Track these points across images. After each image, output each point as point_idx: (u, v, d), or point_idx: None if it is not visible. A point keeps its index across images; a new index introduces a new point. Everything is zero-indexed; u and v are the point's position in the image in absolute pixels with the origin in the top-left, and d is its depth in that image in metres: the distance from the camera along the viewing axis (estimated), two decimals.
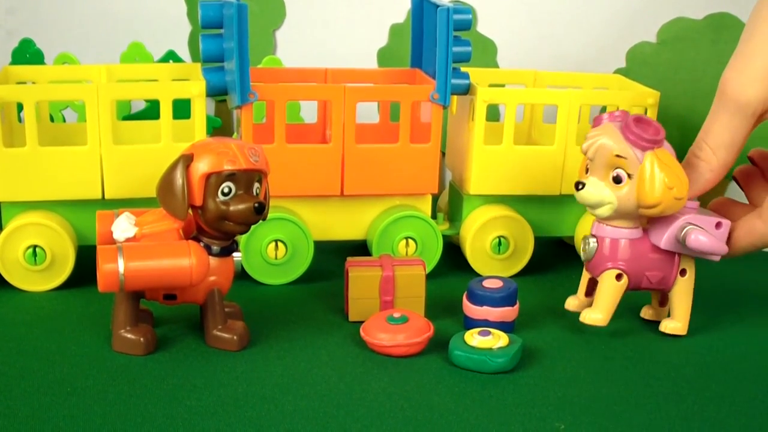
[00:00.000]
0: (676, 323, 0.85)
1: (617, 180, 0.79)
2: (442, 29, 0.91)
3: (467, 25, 0.94)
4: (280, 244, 0.93)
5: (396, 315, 0.81)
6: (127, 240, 0.78)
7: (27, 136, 0.88)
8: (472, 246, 0.96)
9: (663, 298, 0.87)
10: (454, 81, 0.94)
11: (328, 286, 0.95)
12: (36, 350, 0.80)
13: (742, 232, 0.83)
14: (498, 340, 0.79)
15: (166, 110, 0.90)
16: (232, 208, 0.77)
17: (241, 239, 0.92)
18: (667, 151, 0.80)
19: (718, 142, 0.80)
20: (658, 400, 0.75)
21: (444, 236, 0.99)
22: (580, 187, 0.81)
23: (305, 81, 1.02)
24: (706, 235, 0.80)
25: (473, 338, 0.79)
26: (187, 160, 0.76)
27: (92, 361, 0.78)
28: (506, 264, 0.97)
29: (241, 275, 0.89)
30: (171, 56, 1.12)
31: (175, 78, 1.03)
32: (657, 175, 0.78)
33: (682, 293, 0.84)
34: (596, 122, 0.83)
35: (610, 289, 0.82)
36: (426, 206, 0.97)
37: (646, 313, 0.89)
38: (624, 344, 0.83)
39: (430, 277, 0.95)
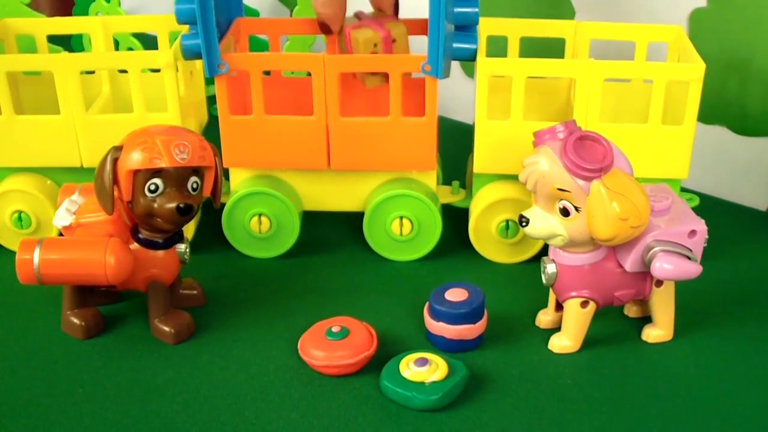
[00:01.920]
0: (659, 331, 0.80)
1: (564, 212, 0.73)
2: None
3: None
4: (263, 218, 0.91)
5: (335, 329, 0.77)
6: (64, 228, 0.78)
7: (2, 105, 0.88)
8: (476, 228, 0.92)
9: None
10: (457, 45, 0.87)
11: (314, 260, 0.94)
12: None
13: None
14: (434, 371, 0.73)
15: (135, 80, 0.88)
16: (157, 206, 0.75)
17: (224, 212, 0.91)
18: (618, 172, 0.72)
19: None
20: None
21: (460, 208, 0.96)
22: (524, 223, 0.75)
23: (311, 32, 0.99)
24: (672, 261, 0.73)
25: (407, 368, 0.73)
26: (115, 153, 0.75)
27: (42, 338, 0.81)
28: (514, 250, 0.93)
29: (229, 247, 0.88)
30: None
31: (175, 31, 1.01)
32: (607, 209, 0.71)
33: (661, 302, 0.79)
34: (537, 139, 0.75)
35: (577, 317, 0.78)
36: (430, 182, 0.93)
37: (629, 311, 0.84)
38: (596, 369, 0.77)
39: (429, 258, 0.93)
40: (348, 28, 0.91)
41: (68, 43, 1.38)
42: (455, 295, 0.79)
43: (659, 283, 0.78)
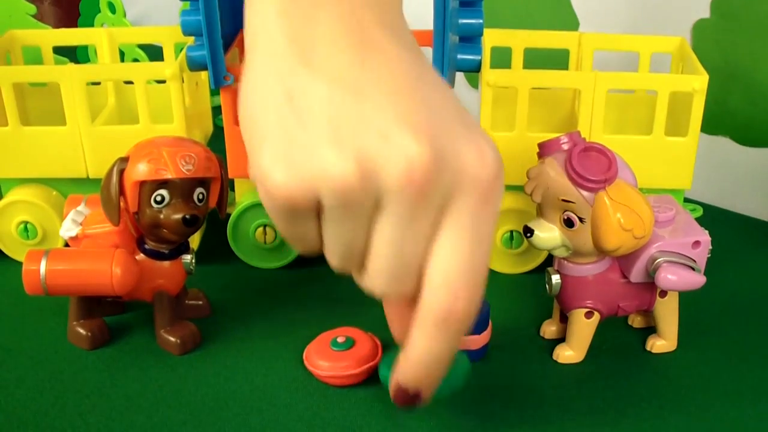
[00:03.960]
0: (663, 341, 0.81)
1: (569, 223, 0.73)
2: None
3: None
4: (268, 228, 0.92)
5: (340, 339, 0.77)
6: (70, 239, 0.78)
7: (8, 116, 0.89)
8: None
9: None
10: (461, 57, 0.86)
11: (319, 270, 0.93)
12: None
13: None
14: None
15: (141, 91, 0.88)
16: (163, 217, 0.75)
17: (229, 222, 0.91)
18: (623, 183, 0.73)
19: None
20: None
21: None
22: (529, 234, 0.75)
23: None
24: (676, 272, 0.74)
25: None
26: (121, 164, 0.75)
27: (48, 348, 0.81)
28: (519, 260, 0.93)
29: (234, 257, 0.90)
30: None
31: (180, 42, 1.02)
32: (612, 219, 0.71)
33: (665, 313, 0.79)
34: (542, 150, 0.75)
35: (581, 327, 0.78)
36: None
37: (634, 321, 0.84)
38: (601, 379, 0.77)
39: None
40: None
41: (74, 54, 1.39)
42: None
43: (663, 293, 0.78)
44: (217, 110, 1.13)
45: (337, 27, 0.53)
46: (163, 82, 0.90)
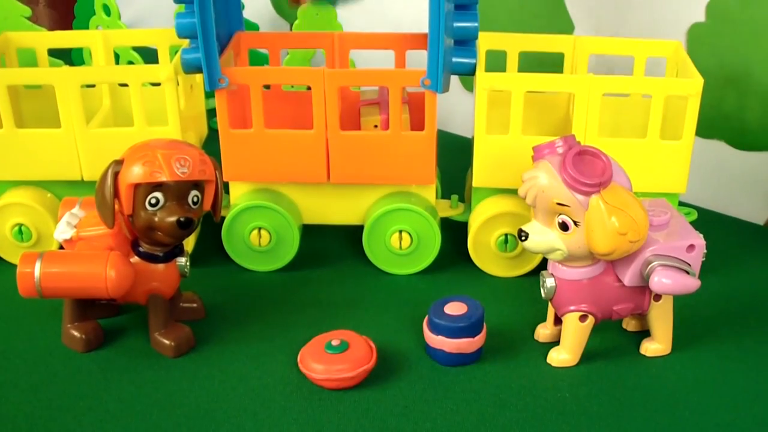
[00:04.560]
0: (657, 345, 0.80)
1: (564, 227, 0.73)
2: (434, 1, 0.80)
3: None
4: (263, 231, 0.92)
5: (335, 342, 0.77)
6: (65, 242, 0.78)
7: (3, 118, 0.89)
8: (476, 241, 0.92)
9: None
10: (456, 60, 0.87)
11: (313, 273, 0.94)
12: None
13: None
14: None
15: (136, 94, 0.88)
16: (158, 219, 0.75)
17: (224, 225, 0.91)
18: (617, 187, 0.72)
19: None
20: None
21: (459, 222, 0.96)
22: (523, 237, 0.75)
23: (311, 46, 1.00)
24: (671, 276, 0.73)
25: None
26: (116, 167, 0.75)
27: (42, 351, 0.81)
28: (513, 264, 0.93)
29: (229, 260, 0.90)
30: None
31: (175, 45, 1.02)
32: (606, 223, 0.71)
33: (660, 316, 0.79)
34: (536, 154, 0.75)
35: (576, 331, 0.78)
36: (430, 195, 0.93)
37: (628, 324, 0.84)
38: (595, 382, 0.77)
39: (428, 272, 0.94)
40: (362, 102, 0.97)
41: (69, 56, 1.39)
42: (454, 308, 0.79)
43: (658, 297, 0.78)
44: (212, 113, 1.14)
45: None
46: (158, 84, 0.89)
